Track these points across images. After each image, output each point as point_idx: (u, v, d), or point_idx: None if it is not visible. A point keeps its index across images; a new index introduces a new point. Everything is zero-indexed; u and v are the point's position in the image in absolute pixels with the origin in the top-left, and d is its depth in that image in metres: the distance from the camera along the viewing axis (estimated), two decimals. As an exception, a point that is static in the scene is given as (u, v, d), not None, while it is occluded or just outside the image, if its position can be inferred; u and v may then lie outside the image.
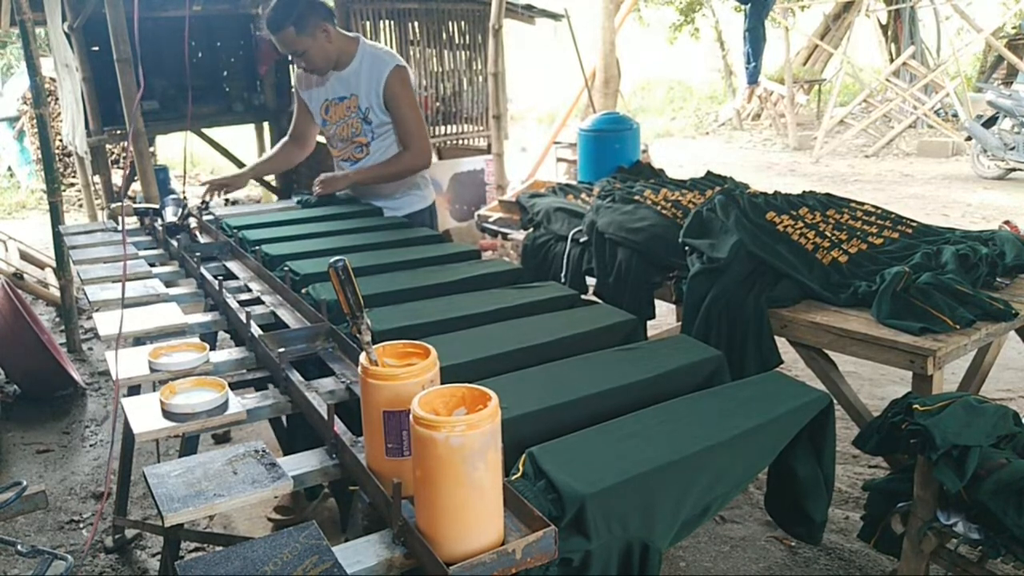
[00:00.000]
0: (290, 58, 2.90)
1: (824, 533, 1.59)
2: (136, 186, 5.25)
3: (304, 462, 1.32)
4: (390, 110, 2.90)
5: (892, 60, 12.27)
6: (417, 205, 3.07)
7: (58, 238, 4.25)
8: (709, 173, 3.43)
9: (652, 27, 16.63)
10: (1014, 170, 8.46)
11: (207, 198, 2.93)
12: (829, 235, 2.47)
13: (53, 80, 7.05)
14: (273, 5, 2.73)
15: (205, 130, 7.26)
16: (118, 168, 8.37)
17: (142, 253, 2.55)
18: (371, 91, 2.87)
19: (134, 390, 1.99)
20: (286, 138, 3.22)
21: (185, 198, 2.73)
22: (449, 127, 6.68)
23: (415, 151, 2.93)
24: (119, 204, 3.18)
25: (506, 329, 1.75)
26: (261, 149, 8.63)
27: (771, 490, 1.59)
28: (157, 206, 2.77)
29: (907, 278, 2.08)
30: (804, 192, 2.88)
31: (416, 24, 6.29)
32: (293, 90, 3.15)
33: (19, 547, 1.78)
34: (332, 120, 3.00)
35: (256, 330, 1.75)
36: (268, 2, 2.79)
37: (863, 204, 2.79)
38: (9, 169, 10.04)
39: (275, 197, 7.43)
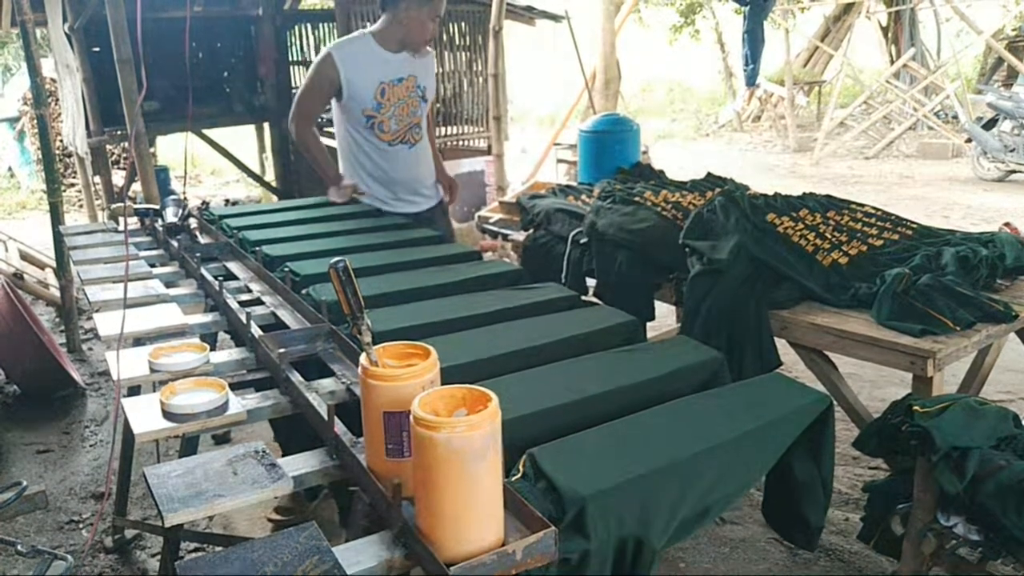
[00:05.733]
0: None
1: (824, 534, 1.59)
2: (136, 186, 5.25)
3: (304, 462, 1.32)
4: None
5: (892, 62, 12.27)
6: (437, 198, 3.17)
7: (58, 238, 4.24)
8: (709, 175, 3.43)
9: (652, 28, 16.63)
10: (1014, 172, 8.46)
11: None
12: (829, 237, 2.47)
13: (54, 81, 7.06)
14: None
15: (206, 131, 7.27)
16: (118, 169, 8.37)
17: (143, 254, 2.55)
18: (427, 71, 3.03)
19: (134, 390, 1.99)
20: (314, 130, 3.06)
21: (185, 198, 2.73)
22: (449, 128, 6.68)
23: (431, 122, 3.21)
24: (120, 205, 3.18)
25: (506, 330, 1.75)
26: (261, 150, 8.62)
27: (768, 494, 1.59)
28: (158, 207, 2.77)
29: (907, 280, 2.08)
30: (804, 194, 2.88)
31: (416, 25, 6.28)
32: (313, 77, 2.88)
33: (19, 547, 1.78)
34: (389, 102, 2.86)
35: (256, 331, 1.75)
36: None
37: (863, 206, 2.79)
38: (9, 169, 10.05)
39: (275, 198, 7.43)
